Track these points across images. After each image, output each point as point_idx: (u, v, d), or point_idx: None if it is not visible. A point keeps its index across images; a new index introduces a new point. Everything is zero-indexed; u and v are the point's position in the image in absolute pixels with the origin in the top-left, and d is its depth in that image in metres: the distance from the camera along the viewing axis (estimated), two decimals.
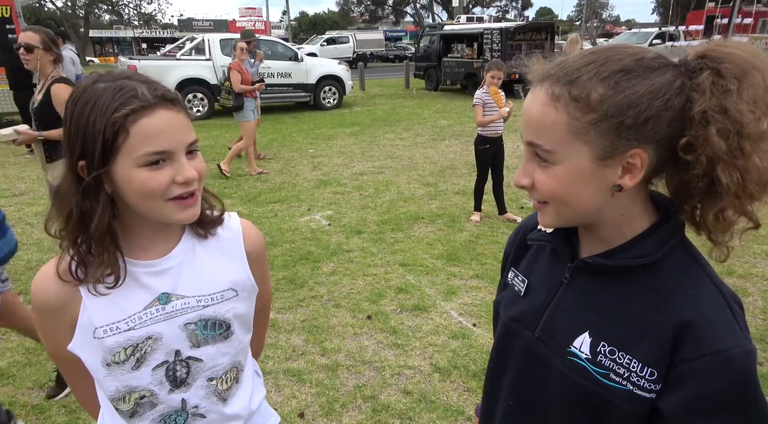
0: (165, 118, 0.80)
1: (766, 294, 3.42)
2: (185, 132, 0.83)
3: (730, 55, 0.64)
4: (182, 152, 0.82)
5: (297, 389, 2.56)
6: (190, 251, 0.93)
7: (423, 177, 6.46)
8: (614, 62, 0.65)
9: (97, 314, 0.86)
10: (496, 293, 0.98)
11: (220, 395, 0.97)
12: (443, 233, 4.60)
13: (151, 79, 0.84)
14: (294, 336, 3.01)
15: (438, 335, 3.02)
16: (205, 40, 11.22)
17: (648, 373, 0.68)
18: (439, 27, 18.48)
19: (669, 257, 0.71)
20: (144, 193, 0.80)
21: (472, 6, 47.90)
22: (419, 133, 9.39)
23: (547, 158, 0.69)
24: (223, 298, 0.95)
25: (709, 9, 12.88)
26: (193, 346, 0.92)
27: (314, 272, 3.86)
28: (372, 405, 2.44)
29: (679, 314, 0.68)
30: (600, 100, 0.64)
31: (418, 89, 16.99)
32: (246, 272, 0.99)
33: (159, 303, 0.89)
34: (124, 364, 0.88)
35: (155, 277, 0.90)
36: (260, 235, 1.06)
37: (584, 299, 0.77)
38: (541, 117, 0.68)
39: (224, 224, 0.99)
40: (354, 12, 55.42)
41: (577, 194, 0.69)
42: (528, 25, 16.14)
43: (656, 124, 0.64)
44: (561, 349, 0.76)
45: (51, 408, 2.43)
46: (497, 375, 0.89)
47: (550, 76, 0.68)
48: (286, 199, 5.62)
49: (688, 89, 0.64)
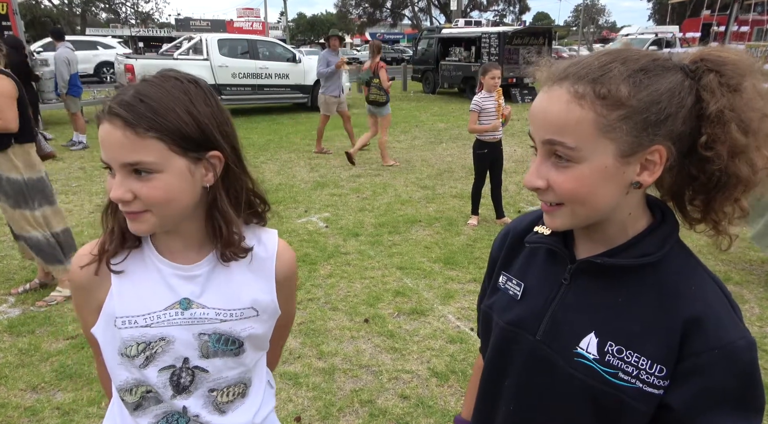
0: (104, 130, 0.79)
1: (763, 301, 3.43)
2: (120, 150, 0.78)
3: (727, 59, 0.68)
4: (118, 169, 0.80)
5: (293, 392, 2.54)
6: (220, 264, 0.92)
7: (420, 180, 6.46)
8: (633, 62, 0.68)
9: (121, 304, 0.88)
10: (481, 298, 0.97)
11: (218, 407, 0.96)
12: (441, 237, 4.59)
13: (149, 88, 0.81)
14: (291, 339, 2.99)
15: (436, 339, 3.01)
16: (203, 40, 11.18)
17: (657, 369, 0.70)
18: (437, 30, 18.54)
19: (669, 255, 0.73)
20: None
21: (470, 10, 48.06)
22: (417, 136, 9.39)
23: (571, 156, 0.69)
24: (242, 315, 0.93)
25: (705, 17, 12.98)
26: (202, 356, 0.91)
27: (311, 274, 3.84)
28: (369, 409, 2.42)
29: (686, 310, 0.70)
30: (627, 96, 0.66)
31: (415, 92, 17.00)
32: (272, 294, 0.97)
33: (179, 307, 0.90)
34: (134, 359, 0.89)
35: (182, 281, 0.90)
36: (293, 258, 1.02)
37: (587, 299, 0.77)
38: (564, 115, 0.68)
39: (261, 240, 0.97)
40: (352, 14, 55.48)
41: (597, 193, 0.70)
42: (525, 29, 16.23)
43: (674, 121, 0.67)
44: (567, 351, 0.76)
45: (44, 410, 2.40)
46: (495, 381, 0.88)
47: (568, 75, 0.69)
48: (283, 201, 5.60)
49: (697, 89, 0.68)
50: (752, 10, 9.79)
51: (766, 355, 2.82)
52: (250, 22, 40.06)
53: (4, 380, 2.62)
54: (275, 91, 11.87)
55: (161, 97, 0.80)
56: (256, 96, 11.65)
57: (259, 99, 11.81)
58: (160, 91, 0.80)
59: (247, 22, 39.89)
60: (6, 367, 2.72)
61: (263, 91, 11.70)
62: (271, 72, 11.61)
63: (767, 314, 3.27)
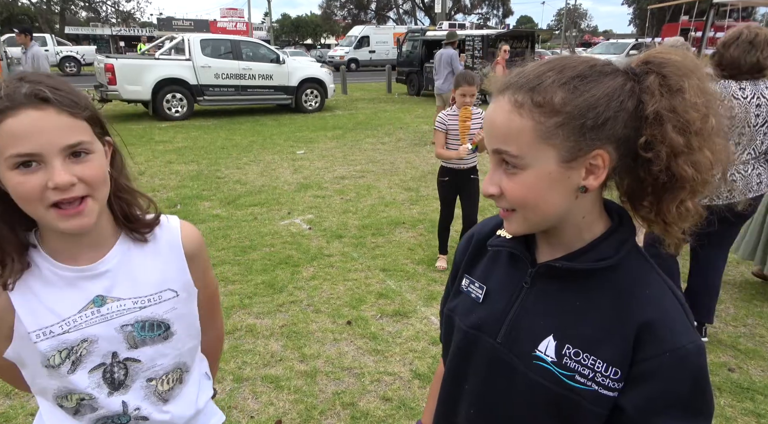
0: (31, 118, 0.76)
1: (737, 302, 3.50)
2: (59, 133, 0.77)
3: (669, 61, 0.69)
4: (55, 155, 0.77)
5: (275, 396, 2.52)
6: (126, 253, 0.93)
7: (404, 182, 6.47)
8: (570, 69, 0.69)
9: (28, 320, 0.86)
10: (444, 302, 0.98)
11: (160, 396, 0.97)
12: (424, 238, 4.61)
13: (50, 78, 0.81)
14: (272, 342, 2.97)
15: (418, 341, 3.01)
16: (185, 40, 11.06)
17: (612, 372, 0.71)
18: (421, 32, 18.61)
19: (625, 259, 0.74)
20: (19, 197, 0.79)
21: (454, 12, 48.36)
22: (401, 138, 9.41)
23: (516, 164, 0.71)
24: (161, 299, 0.95)
25: (683, 22, 13.24)
26: (130, 347, 0.92)
27: (294, 276, 3.82)
28: (351, 412, 2.42)
29: (640, 315, 0.71)
30: (562, 103, 0.68)
31: (400, 94, 17.04)
32: (185, 272, 0.99)
33: (94, 306, 0.89)
34: (59, 367, 0.87)
35: (89, 280, 0.89)
36: (198, 234, 1.05)
37: (546, 302, 0.78)
38: (506, 124, 0.70)
39: (162, 225, 0.99)
40: (336, 15, 55.44)
41: (545, 199, 0.71)
42: (509, 32, 16.40)
43: (614, 125, 0.68)
44: (526, 354, 0.77)
45: (17, 417, 2.34)
46: (456, 384, 0.89)
47: (510, 85, 0.71)
48: (266, 203, 5.56)
49: (638, 92, 0.69)
50: (728, 16, 10.04)
51: (741, 354, 2.88)
52: (233, 23, 39.80)
53: None
54: (259, 92, 11.78)
55: (71, 87, 0.83)
56: (239, 97, 11.55)
57: (243, 100, 11.71)
58: (61, 82, 0.82)
59: (230, 23, 39.62)
60: None
61: (246, 92, 11.61)
62: (254, 73, 11.52)
63: (741, 314, 3.34)
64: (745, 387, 2.59)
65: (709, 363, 2.74)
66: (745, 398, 2.52)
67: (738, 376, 2.69)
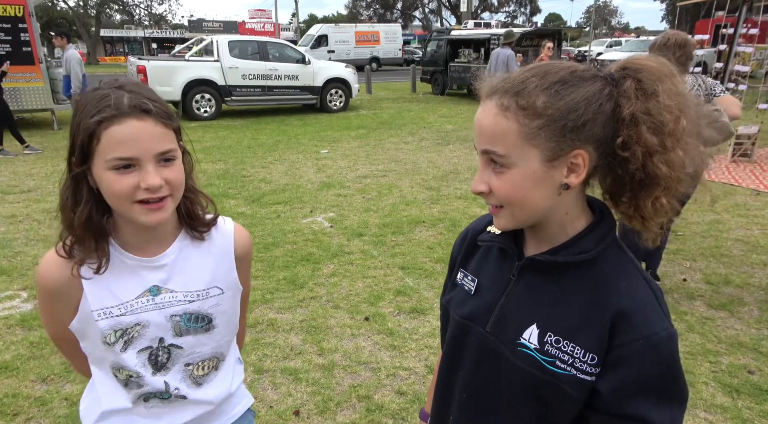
0: (134, 127, 0.86)
1: (762, 304, 3.43)
2: (155, 141, 0.88)
3: (645, 66, 0.74)
4: (150, 160, 0.88)
5: (293, 387, 2.61)
6: (183, 250, 1.03)
7: (426, 181, 6.51)
8: (552, 75, 0.75)
9: (94, 299, 0.96)
10: (443, 294, 1.04)
11: (195, 380, 1.07)
12: (444, 237, 4.64)
13: (144, 88, 0.91)
14: (292, 336, 3.06)
15: (434, 337, 3.06)
16: (214, 42, 11.33)
17: (590, 358, 0.76)
18: (446, 32, 18.56)
19: (605, 252, 0.79)
20: (111, 194, 0.89)
21: (480, 11, 47.95)
22: (424, 138, 9.44)
23: (503, 163, 0.76)
24: (208, 295, 1.04)
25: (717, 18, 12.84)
26: (175, 335, 1.02)
27: (314, 273, 3.91)
28: (366, 405, 2.49)
29: (615, 304, 0.76)
30: (544, 106, 0.73)
31: (424, 93, 17.04)
32: (233, 273, 1.08)
33: (150, 294, 0.99)
34: (114, 345, 0.97)
35: (149, 271, 0.99)
36: (249, 239, 1.15)
37: (531, 294, 0.83)
38: (493, 126, 0.76)
39: (218, 227, 1.08)
40: (363, 15, 55.62)
41: (531, 196, 0.77)
42: (535, 31, 16.20)
43: (593, 127, 0.73)
44: (512, 341, 0.83)
45: (53, 400, 2.49)
46: (451, 371, 0.95)
47: (497, 90, 0.76)
48: (289, 201, 5.68)
49: (616, 96, 0.74)
50: (762, 11, 9.70)
51: (763, 356, 2.84)
52: (261, 24, 40.37)
53: (15, 371, 2.72)
54: (284, 93, 11.99)
55: (162, 100, 0.93)
56: (265, 97, 11.78)
57: (269, 100, 11.93)
58: (154, 94, 0.92)
59: (258, 24, 40.20)
60: (18, 359, 2.82)
61: (272, 93, 11.82)
62: (280, 73, 11.72)
63: (765, 317, 3.28)
64: (765, 389, 2.56)
65: (728, 365, 2.75)
66: (764, 401, 2.49)
67: (758, 378, 2.65)
